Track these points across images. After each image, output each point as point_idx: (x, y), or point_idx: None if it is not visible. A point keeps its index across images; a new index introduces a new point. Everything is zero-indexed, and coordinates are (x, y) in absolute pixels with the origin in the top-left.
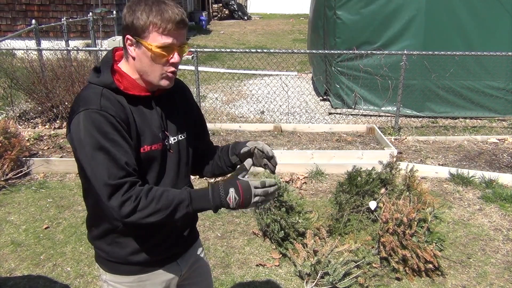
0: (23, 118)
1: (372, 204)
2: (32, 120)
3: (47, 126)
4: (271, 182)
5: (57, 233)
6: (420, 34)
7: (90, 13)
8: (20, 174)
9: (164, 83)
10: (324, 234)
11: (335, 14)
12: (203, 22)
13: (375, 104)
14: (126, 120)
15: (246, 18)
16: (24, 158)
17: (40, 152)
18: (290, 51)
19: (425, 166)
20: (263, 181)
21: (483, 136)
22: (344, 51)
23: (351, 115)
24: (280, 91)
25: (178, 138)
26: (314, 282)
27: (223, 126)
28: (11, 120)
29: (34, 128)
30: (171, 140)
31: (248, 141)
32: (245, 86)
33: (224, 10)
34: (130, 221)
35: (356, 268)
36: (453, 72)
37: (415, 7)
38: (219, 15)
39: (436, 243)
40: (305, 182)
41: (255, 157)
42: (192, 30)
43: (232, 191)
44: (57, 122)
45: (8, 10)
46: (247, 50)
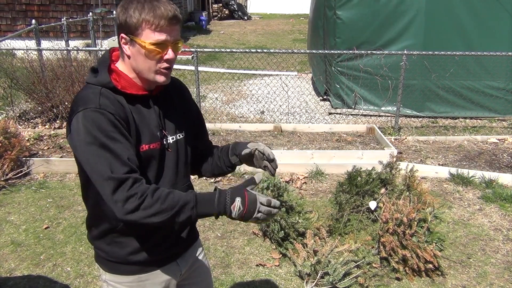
0: (23, 118)
1: (372, 204)
2: (32, 120)
3: (47, 126)
4: (276, 204)
5: (57, 233)
6: (420, 34)
7: (90, 13)
8: (20, 174)
9: (160, 79)
10: (324, 234)
11: (335, 14)
12: (203, 22)
13: (375, 104)
14: (125, 118)
15: (246, 18)
16: (24, 158)
17: (40, 152)
18: (290, 51)
19: (425, 166)
20: (270, 200)
21: (483, 136)
22: (344, 51)
23: (351, 115)
24: (280, 91)
25: (176, 137)
26: (314, 282)
27: (223, 126)
28: (11, 120)
29: (34, 128)
30: (170, 139)
31: (248, 142)
32: (245, 86)
33: (224, 10)
34: (132, 218)
35: (356, 268)
36: (453, 72)
37: (415, 7)
38: (219, 15)
39: (436, 243)
40: (305, 182)
41: (256, 158)
42: (192, 30)
43: (238, 200)
44: (57, 122)
45: (8, 10)
46: (247, 50)
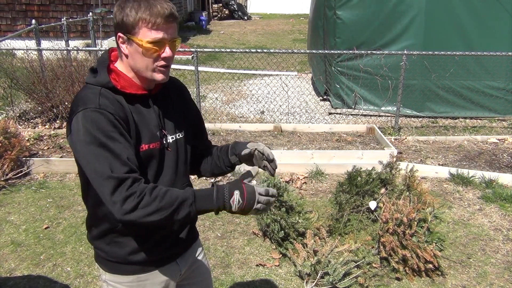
0: (23, 118)
1: (372, 204)
2: (32, 120)
3: (47, 126)
4: (274, 193)
5: (57, 233)
6: (420, 34)
7: (90, 13)
8: (20, 174)
9: (159, 77)
10: (324, 234)
11: (335, 14)
12: (203, 22)
13: (375, 104)
14: (125, 118)
15: (246, 18)
16: (24, 158)
17: (40, 152)
18: (290, 51)
19: (425, 166)
20: (267, 189)
21: (483, 136)
22: (344, 51)
23: (351, 115)
24: (280, 91)
25: (176, 137)
26: (314, 282)
27: (223, 126)
28: (11, 120)
29: (34, 128)
30: (169, 139)
31: (248, 142)
32: (245, 86)
33: (224, 10)
34: (131, 218)
35: (356, 268)
36: (453, 72)
37: (415, 7)
38: (219, 15)
39: (436, 243)
40: (305, 182)
41: (255, 158)
42: (192, 30)
43: (237, 194)
44: (57, 122)
45: (8, 10)
46: (247, 50)
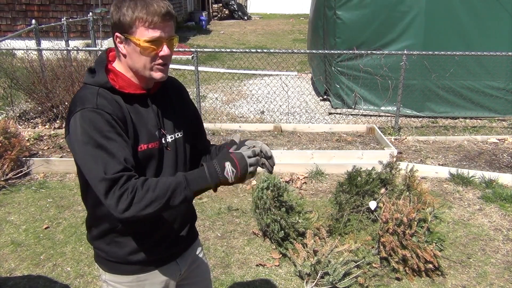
0: (23, 118)
1: (372, 204)
2: (32, 120)
3: (47, 126)
4: (257, 150)
5: (57, 233)
6: (420, 34)
7: (90, 13)
8: (20, 174)
9: (157, 75)
10: (324, 234)
11: (335, 14)
12: (203, 22)
13: (375, 104)
14: (123, 118)
15: (246, 18)
16: (24, 158)
17: (40, 152)
18: (290, 51)
19: (425, 166)
20: (254, 150)
21: (483, 136)
22: (344, 51)
23: (351, 115)
24: (280, 91)
25: (175, 136)
26: (314, 282)
27: (223, 126)
28: (11, 120)
29: (34, 128)
30: (168, 138)
31: (246, 139)
32: (245, 86)
33: (224, 10)
34: (129, 215)
35: (356, 268)
36: (453, 72)
37: (415, 7)
38: (219, 15)
39: (436, 243)
40: (305, 182)
41: None
42: (192, 30)
43: (228, 165)
44: (57, 122)
45: (8, 10)
46: (247, 50)
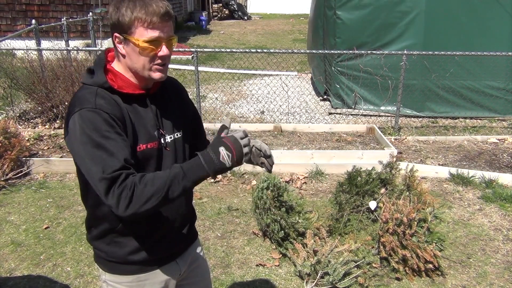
0: (23, 118)
1: (372, 204)
2: (32, 120)
3: (47, 126)
4: (247, 130)
5: (57, 233)
6: (420, 34)
7: (90, 13)
8: (20, 174)
9: (156, 75)
10: (324, 234)
11: (335, 14)
12: (203, 22)
13: (375, 104)
14: (122, 118)
15: (246, 18)
16: (24, 158)
17: (40, 152)
18: (290, 51)
19: (425, 166)
20: (244, 130)
21: (483, 136)
22: (344, 51)
23: (351, 115)
24: (280, 91)
25: (174, 136)
26: (314, 282)
27: None
28: (11, 120)
29: (34, 128)
30: (168, 138)
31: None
32: (245, 86)
33: (224, 10)
34: (131, 212)
35: (356, 268)
36: (453, 72)
37: (415, 7)
38: (219, 15)
39: (436, 243)
40: (305, 182)
41: (253, 155)
42: (192, 30)
43: (222, 149)
44: (57, 122)
45: (8, 10)
46: (247, 50)
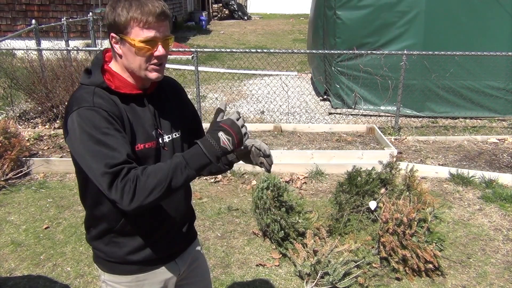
0: (23, 118)
1: (372, 204)
2: (32, 120)
3: (47, 126)
4: (239, 110)
5: (57, 233)
6: (420, 34)
7: (90, 13)
8: (20, 174)
9: (153, 75)
10: (324, 234)
11: (335, 14)
12: (203, 22)
13: (375, 104)
14: (120, 117)
15: (246, 18)
16: (24, 158)
17: (40, 152)
18: (290, 51)
19: (425, 166)
20: (236, 112)
21: (483, 136)
22: (344, 51)
23: (351, 115)
24: (280, 91)
25: (172, 136)
26: (314, 282)
27: None
28: (11, 120)
29: (34, 128)
30: (166, 138)
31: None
32: (245, 86)
33: (224, 10)
34: (135, 205)
35: (356, 268)
36: (453, 72)
37: (415, 7)
38: (219, 15)
39: (436, 243)
40: (305, 182)
41: (252, 155)
42: (192, 30)
43: (221, 134)
44: (57, 122)
45: (8, 10)
46: (247, 50)
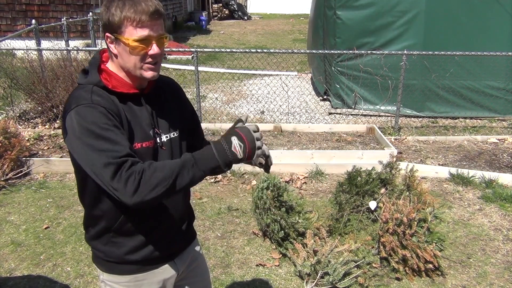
0: (23, 118)
1: (372, 204)
2: (32, 120)
3: (47, 126)
4: (257, 126)
5: (57, 233)
6: (420, 34)
7: (90, 13)
8: (20, 174)
9: (148, 74)
10: (324, 234)
11: (335, 14)
12: (203, 22)
13: (375, 104)
14: (118, 114)
15: (246, 18)
16: (24, 158)
17: (40, 152)
18: (290, 51)
19: (425, 166)
20: (255, 125)
21: (483, 136)
22: (344, 51)
23: (351, 115)
24: (280, 91)
25: (170, 136)
26: (314, 282)
27: (223, 126)
28: (11, 120)
29: (34, 128)
30: (163, 138)
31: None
32: (245, 86)
33: (224, 10)
34: (138, 198)
35: (356, 268)
36: (453, 72)
37: (415, 7)
38: (219, 15)
39: (436, 243)
40: (305, 182)
41: None
42: (192, 30)
43: (234, 139)
44: (57, 122)
45: (8, 10)
46: (247, 50)
